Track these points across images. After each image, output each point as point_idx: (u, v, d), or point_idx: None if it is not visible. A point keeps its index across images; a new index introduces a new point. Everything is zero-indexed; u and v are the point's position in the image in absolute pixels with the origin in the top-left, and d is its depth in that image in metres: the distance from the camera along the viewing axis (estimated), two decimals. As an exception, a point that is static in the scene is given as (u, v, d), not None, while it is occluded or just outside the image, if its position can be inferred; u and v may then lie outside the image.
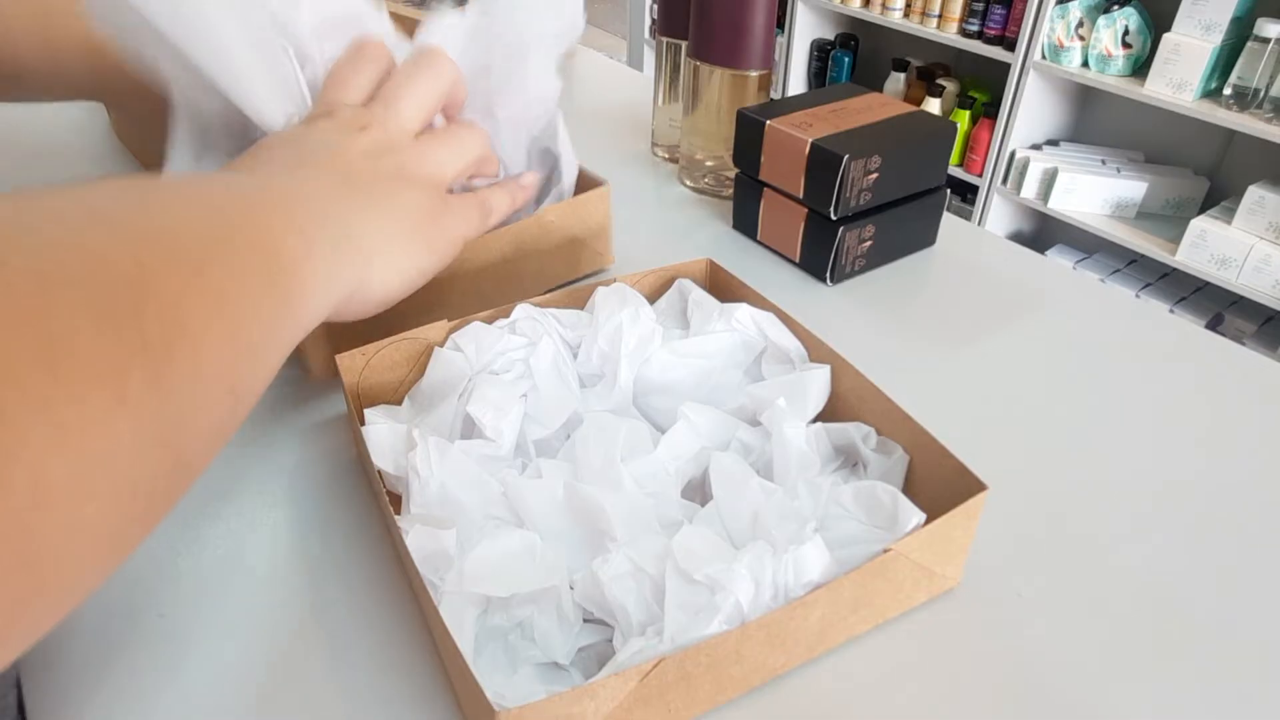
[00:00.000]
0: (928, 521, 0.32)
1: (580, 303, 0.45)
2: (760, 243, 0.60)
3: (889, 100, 0.59)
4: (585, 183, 0.53)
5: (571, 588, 0.32)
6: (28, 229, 0.19)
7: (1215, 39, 1.70)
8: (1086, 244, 2.13)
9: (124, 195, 0.24)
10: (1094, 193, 1.98)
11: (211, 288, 0.24)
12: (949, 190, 0.60)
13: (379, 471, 0.36)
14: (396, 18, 0.95)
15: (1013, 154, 2.09)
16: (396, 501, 0.37)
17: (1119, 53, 1.86)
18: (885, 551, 0.31)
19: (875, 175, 0.53)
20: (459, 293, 0.48)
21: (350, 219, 0.34)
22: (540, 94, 0.46)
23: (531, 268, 0.51)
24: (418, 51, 0.42)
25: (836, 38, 2.54)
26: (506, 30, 0.45)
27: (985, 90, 2.19)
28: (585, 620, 0.32)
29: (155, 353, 0.20)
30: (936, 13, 2.14)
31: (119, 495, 0.20)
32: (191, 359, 0.22)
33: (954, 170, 2.19)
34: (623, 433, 0.37)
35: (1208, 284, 1.88)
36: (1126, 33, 1.84)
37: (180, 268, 0.23)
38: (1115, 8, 1.83)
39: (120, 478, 0.19)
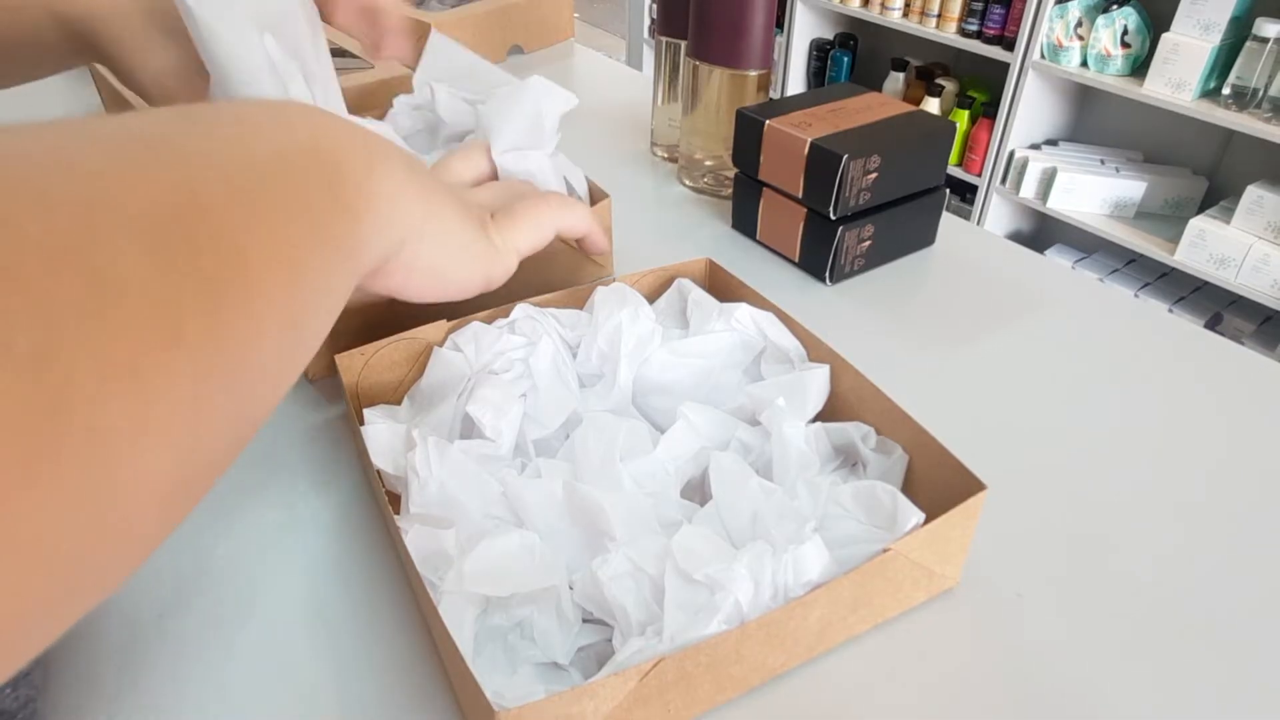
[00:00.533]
0: (927, 521, 0.32)
1: (579, 303, 0.45)
2: (759, 242, 0.60)
3: (888, 100, 0.59)
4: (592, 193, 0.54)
5: (571, 588, 0.32)
6: (67, 157, 0.18)
7: (1214, 39, 1.70)
8: (1085, 243, 2.13)
9: (171, 119, 0.22)
10: (1093, 192, 1.99)
11: (274, 213, 0.22)
12: (948, 190, 0.60)
13: (378, 471, 0.36)
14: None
15: (1011, 154, 2.09)
16: (396, 501, 0.37)
17: (1118, 52, 1.86)
18: (884, 551, 0.31)
19: (874, 175, 0.53)
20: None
21: (410, 161, 0.31)
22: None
23: (536, 279, 0.52)
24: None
25: (835, 37, 2.54)
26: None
27: (984, 90, 2.19)
28: (584, 620, 0.32)
29: (213, 287, 0.19)
30: (935, 12, 2.14)
31: (182, 440, 0.18)
32: (252, 294, 0.20)
33: (953, 170, 2.19)
34: (622, 432, 0.37)
35: (1206, 283, 1.88)
36: (1125, 32, 1.84)
37: (239, 191, 0.21)
38: (1114, 7, 1.83)
39: (182, 422, 0.18)
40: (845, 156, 0.51)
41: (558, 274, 0.53)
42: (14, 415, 0.14)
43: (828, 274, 0.55)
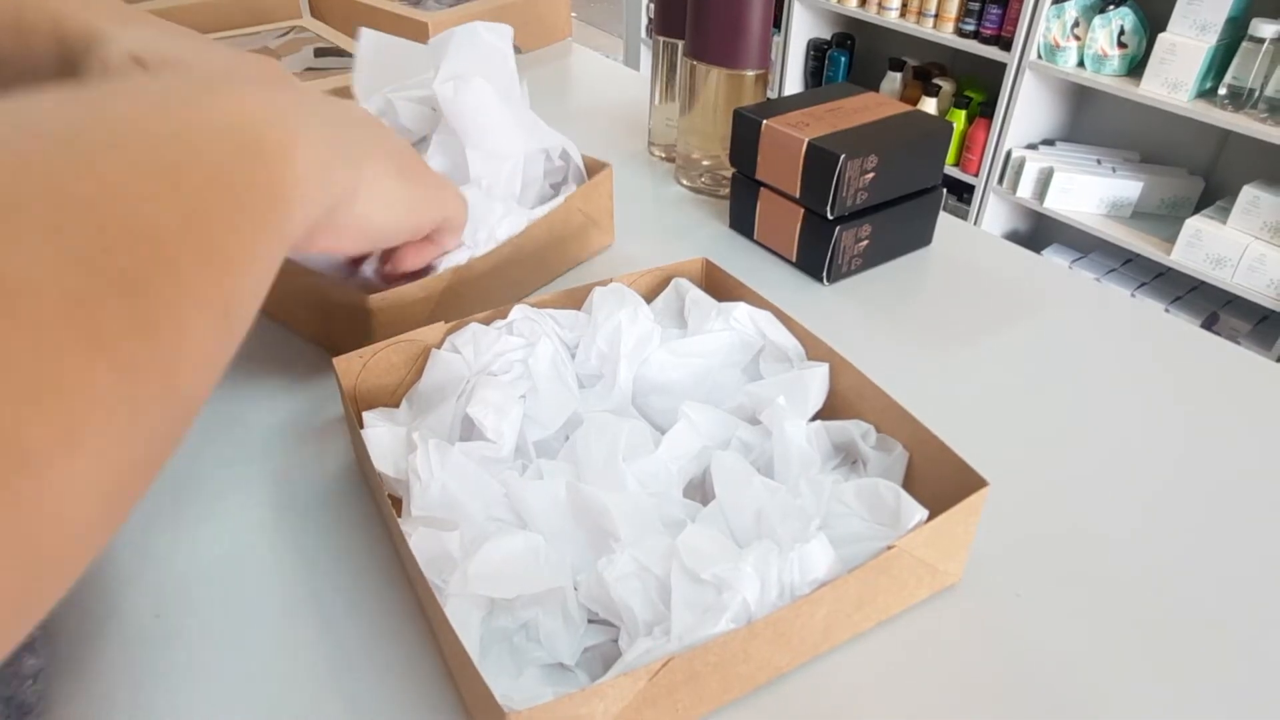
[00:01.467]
0: (929, 518, 0.32)
1: (578, 303, 0.45)
2: (757, 242, 0.60)
3: (885, 100, 0.59)
4: (587, 165, 0.56)
5: (575, 588, 0.32)
6: None
7: (1210, 39, 1.70)
8: (1082, 243, 2.13)
9: (75, 106, 0.21)
10: (1090, 192, 1.99)
11: (191, 201, 0.21)
12: (945, 190, 0.60)
13: (379, 474, 0.36)
14: (397, 18, 0.94)
15: (1009, 154, 2.09)
16: (396, 504, 0.36)
17: (1114, 52, 1.86)
18: (889, 548, 0.31)
19: (872, 175, 0.53)
20: (488, 277, 0.48)
21: (338, 120, 0.30)
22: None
23: (554, 253, 0.54)
24: None
25: (833, 37, 2.54)
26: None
27: (981, 90, 2.19)
28: (589, 621, 0.32)
29: (132, 284, 0.19)
30: (933, 12, 2.14)
31: (110, 448, 0.18)
32: (174, 287, 0.20)
33: (950, 170, 2.19)
34: (624, 432, 0.37)
35: (1203, 283, 1.88)
36: (1122, 32, 1.84)
37: (153, 181, 0.20)
38: (1111, 7, 1.83)
39: (109, 429, 0.18)
40: (843, 156, 0.51)
41: (569, 249, 0.55)
42: None
43: (825, 274, 0.55)
